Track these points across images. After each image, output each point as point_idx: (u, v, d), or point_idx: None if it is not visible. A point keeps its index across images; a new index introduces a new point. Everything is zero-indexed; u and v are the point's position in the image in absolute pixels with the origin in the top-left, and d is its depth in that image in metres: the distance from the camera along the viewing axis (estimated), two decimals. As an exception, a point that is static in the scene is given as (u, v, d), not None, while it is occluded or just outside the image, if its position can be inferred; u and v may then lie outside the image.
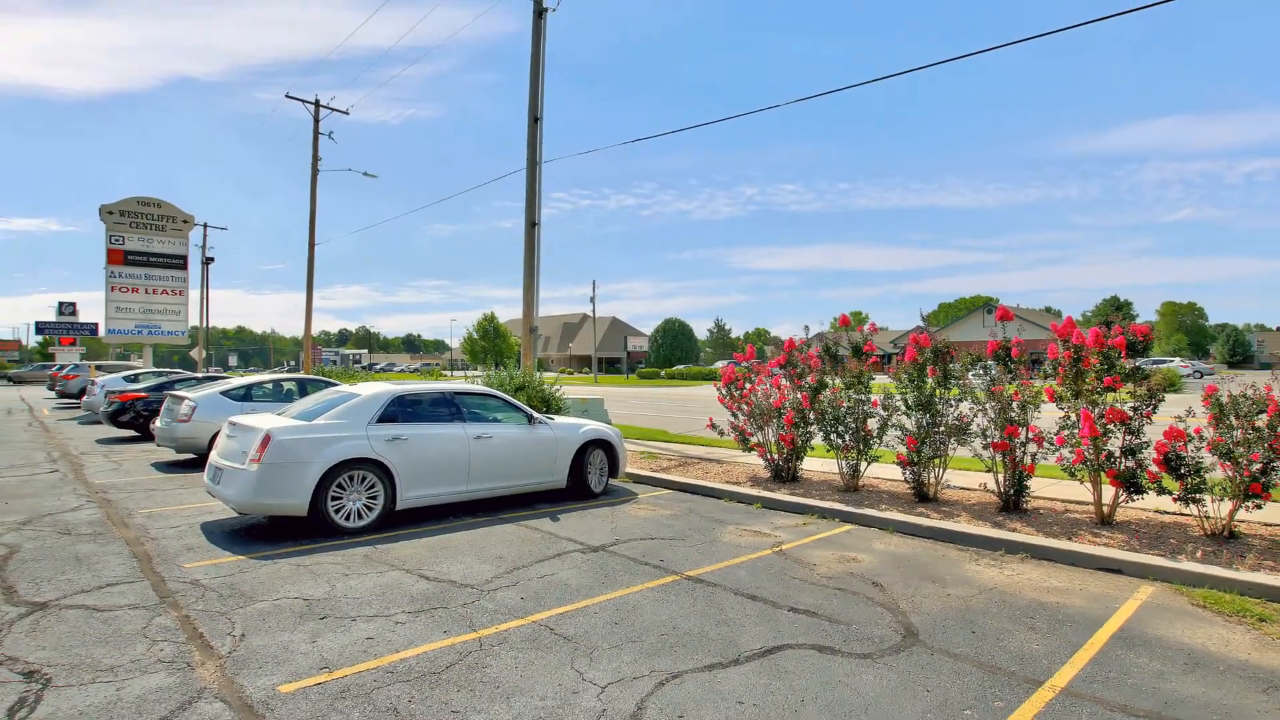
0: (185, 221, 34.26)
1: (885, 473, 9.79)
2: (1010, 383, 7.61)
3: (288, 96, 28.19)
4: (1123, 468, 6.79)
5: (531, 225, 15.52)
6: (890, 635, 4.50)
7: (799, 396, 9.43)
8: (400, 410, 7.68)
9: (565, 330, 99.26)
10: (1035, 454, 7.49)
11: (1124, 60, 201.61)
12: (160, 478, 10.37)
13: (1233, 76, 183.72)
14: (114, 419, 15.38)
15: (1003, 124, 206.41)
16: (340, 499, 6.98)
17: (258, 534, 6.98)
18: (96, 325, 43.99)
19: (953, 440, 8.06)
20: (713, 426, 10.60)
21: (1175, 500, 6.61)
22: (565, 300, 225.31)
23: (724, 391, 10.36)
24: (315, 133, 28.86)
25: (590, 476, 9.11)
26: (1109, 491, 7.08)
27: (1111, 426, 6.78)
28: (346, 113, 29.54)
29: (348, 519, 6.99)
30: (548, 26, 15.72)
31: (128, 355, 49.84)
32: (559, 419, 9.47)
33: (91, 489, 9.36)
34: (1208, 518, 6.57)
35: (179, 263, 34.20)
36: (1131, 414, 6.76)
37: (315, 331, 30.70)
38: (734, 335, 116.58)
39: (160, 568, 5.81)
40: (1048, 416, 7.59)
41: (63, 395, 29.62)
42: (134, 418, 15.20)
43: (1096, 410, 6.87)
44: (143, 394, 15.51)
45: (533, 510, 8.23)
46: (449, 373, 63.64)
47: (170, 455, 12.49)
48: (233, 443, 7.17)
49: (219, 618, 4.68)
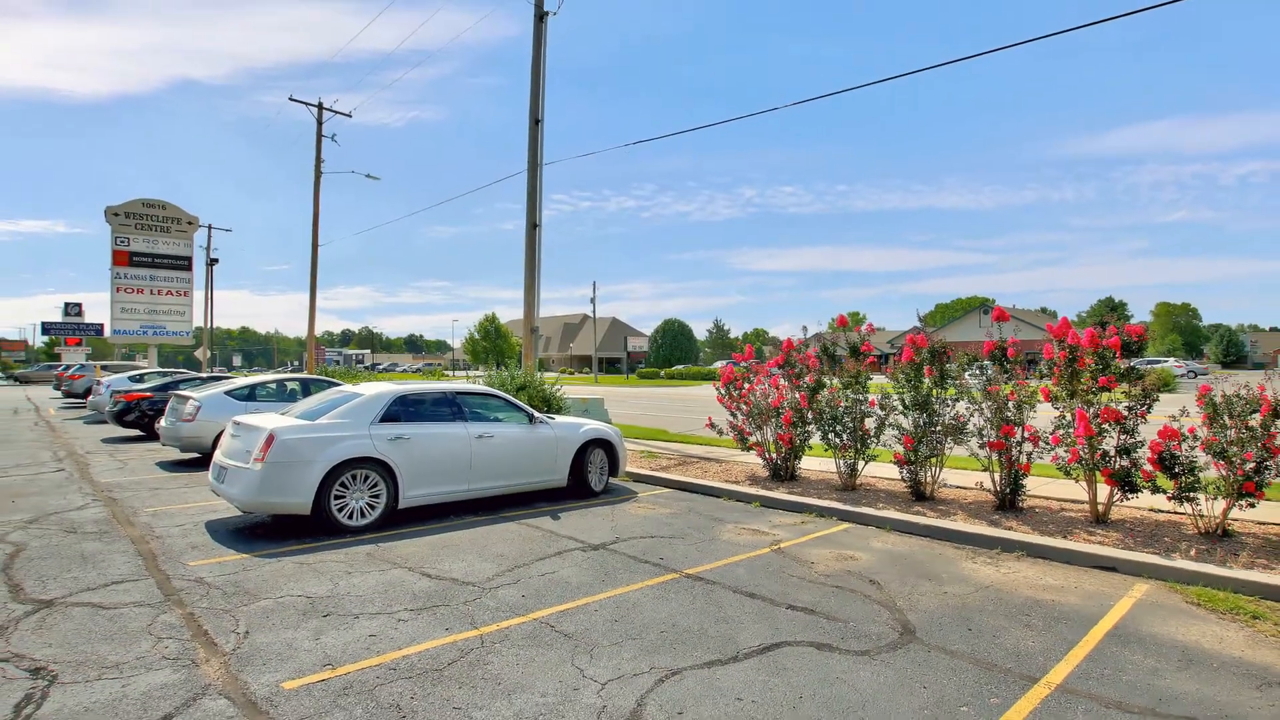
0: (190, 223, 34.43)
1: (882, 472, 9.82)
2: (1006, 383, 7.64)
3: (291, 99, 28.23)
4: (1117, 467, 6.81)
5: (532, 227, 15.50)
6: (887, 632, 4.52)
7: (797, 396, 9.47)
8: (403, 410, 7.73)
9: (566, 331, 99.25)
10: (1031, 453, 7.52)
11: (1120, 63, 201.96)
12: (165, 477, 10.43)
13: (1227, 79, 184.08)
14: (119, 418, 15.44)
15: (1000, 126, 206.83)
16: (343, 498, 7.03)
17: (262, 532, 7.02)
18: (102, 326, 44.06)
19: (949, 440, 8.09)
20: (712, 426, 10.64)
21: (1170, 499, 6.63)
22: (566, 301, 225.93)
23: (723, 391, 10.39)
24: (319, 135, 28.90)
25: (591, 475, 9.15)
26: (1104, 490, 7.10)
27: (1106, 426, 6.82)
28: (349, 115, 29.55)
29: (350, 517, 7.04)
30: (548, 30, 15.66)
31: (133, 355, 49.89)
32: (560, 418, 9.52)
33: (97, 488, 9.41)
34: (1202, 516, 6.60)
35: (184, 264, 34.39)
36: (1126, 413, 6.79)
37: (318, 332, 30.75)
38: (733, 336, 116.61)
39: (165, 566, 5.85)
40: (1043, 416, 7.62)
41: (68, 395, 29.71)
42: (139, 417, 15.27)
43: (1091, 410, 6.91)
44: (148, 394, 15.56)
45: (534, 509, 8.27)
46: (451, 373, 63.66)
47: (175, 454, 12.56)
48: (237, 442, 7.22)
49: (223, 615, 4.71)
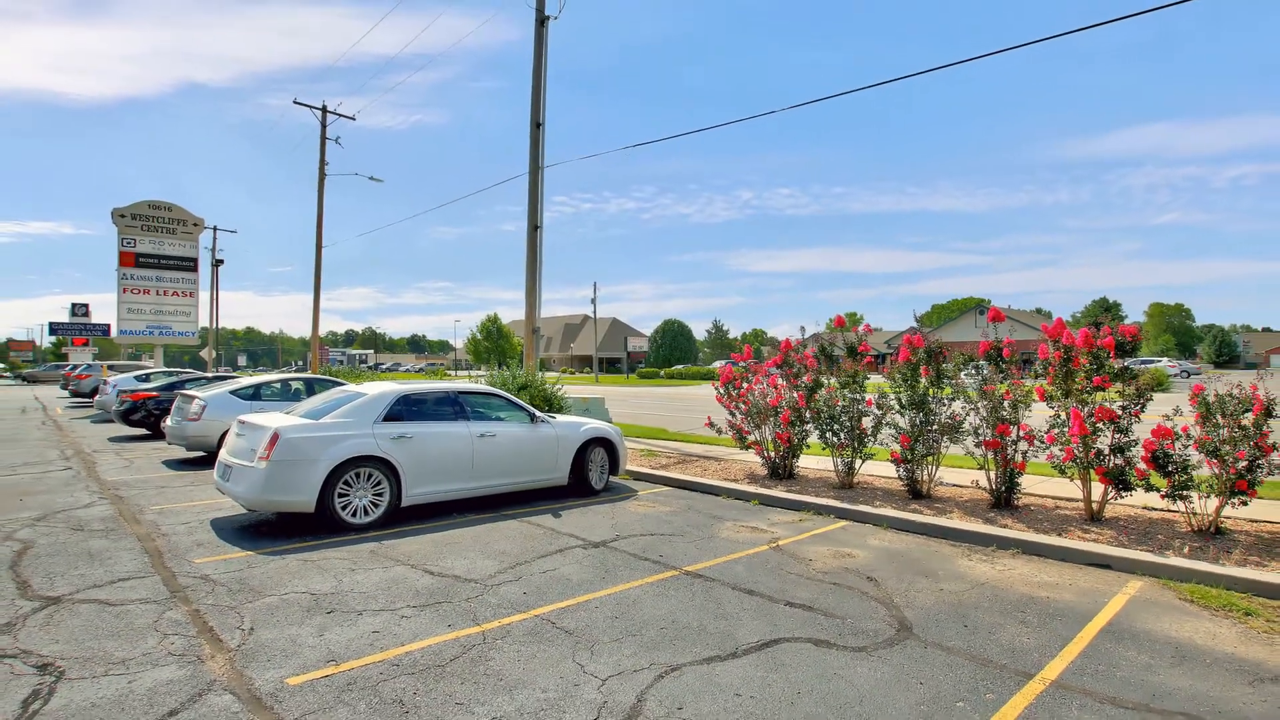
0: (195, 225, 34.58)
1: (880, 470, 9.87)
2: (1002, 382, 7.68)
3: (295, 103, 28.37)
4: (1112, 465, 6.85)
5: (534, 228, 15.51)
6: (884, 629, 4.56)
7: (795, 396, 9.52)
8: (405, 409, 7.78)
9: (567, 331, 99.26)
10: (1026, 452, 7.57)
11: (1114, 67, 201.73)
12: (171, 475, 10.49)
13: (1220, 83, 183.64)
14: (125, 418, 15.52)
15: (995, 129, 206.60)
16: (347, 496, 7.08)
17: (266, 530, 7.07)
18: (109, 326, 44.26)
19: (945, 438, 8.13)
20: (711, 425, 10.69)
21: (1163, 497, 6.68)
22: (567, 302, 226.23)
23: (722, 391, 10.44)
24: (322, 138, 29.03)
25: (591, 474, 9.20)
26: (1098, 488, 7.14)
27: (1100, 425, 6.86)
28: (353, 118, 29.76)
29: (354, 515, 7.09)
30: (550, 34, 15.68)
31: (139, 355, 50.18)
32: (561, 418, 9.57)
33: (104, 486, 9.47)
34: (1195, 514, 6.64)
35: (189, 265, 34.55)
36: (1120, 413, 6.83)
37: (322, 332, 30.85)
38: (732, 336, 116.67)
39: (171, 563, 5.90)
40: (1038, 415, 7.65)
41: (76, 395, 29.87)
42: (145, 416, 15.34)
43: (1086, 409, 6.95)
44: (154, 393, 15.63)
45: (535, 507, 8.31)
46: (453, 372, 63.76)
47: (181, 453, 12.61)
48: (242, 441, 7.27)
49: (228, 612, 4.74)
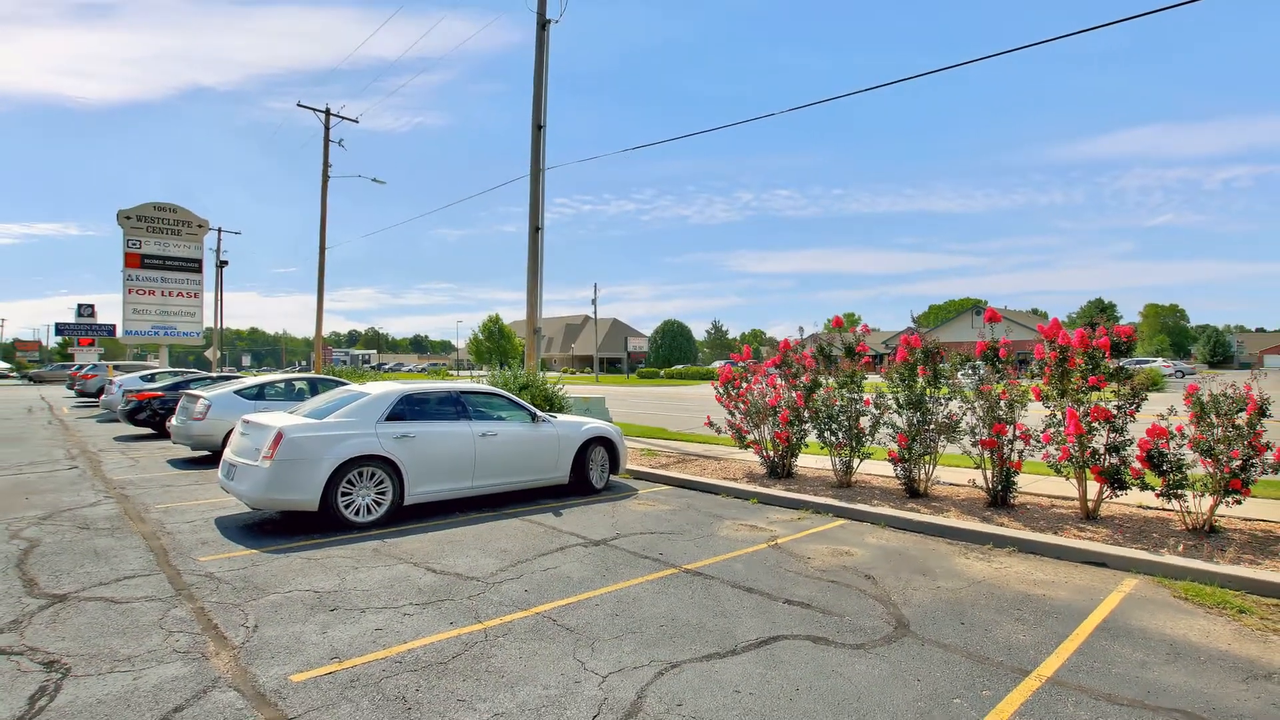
0: (200, 226, 34.69)
1: (877, 469, 9.91)
2: (998, 382, 7.70)
3: (299, 105, 28.74)
4: (1107, 464, 6.89)
5: (535, 230, 15.53)
6: (882, 626, 4.59)
7: (794, 395, 9.56)
8: (408, 409, 7.83)
9: (567, 331, 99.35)
10: (1022, 451, 7.60)
11: (1108, 70, 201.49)
12: (176, 474, 10.55)
13: (1213, 86, 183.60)
14: (131, 417, 15.59)
15: (991, 132, 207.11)
16: (350, 495, 7.14)
17: (270, 529, 7.12)
18: (114, 326, 44.46)
19: (942, 438, 8.17)
20: (710, 424, 10.73)
21: (1158, 496, 6.72)
22: (567, 302, 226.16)
23: (721, 391, 10.48)
24: (326, 140, 29.21)
25: (592, 473, 9.25)
26: (1094, 487, 7.17)
27: (1096, 424, 6.89)
28: (356, 121, 30.23)
29: (357, 514, 7.15)
30: (551, 38, 15.66)
31: (144, 356, 50.43)
32: (561, 417, 9.63)
33: (109, 485, 9.53)
34: (1189, 513, 6.67)
35: (194, 266, 34.66)
36: (1115, 412, 6.86)
37: (326, 332, 31.02)
38: (731, 336, 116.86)
39: (176, 561, 5.94)
40: (1034, 415, 7.68)
41: (81, 394, 30.01)
42: (150, 416, 15.42)
43: (1081, 409, 6.98)
44: (159, 393, 15.72)
45: (536, 506, 8.36)
46: (455, 372, 63.86)
47: (185, 452, 12.68)
48: (246, 440, 7.32)
49: (233, 609, 4.78)
